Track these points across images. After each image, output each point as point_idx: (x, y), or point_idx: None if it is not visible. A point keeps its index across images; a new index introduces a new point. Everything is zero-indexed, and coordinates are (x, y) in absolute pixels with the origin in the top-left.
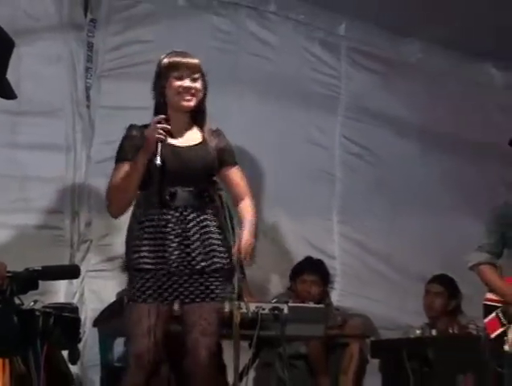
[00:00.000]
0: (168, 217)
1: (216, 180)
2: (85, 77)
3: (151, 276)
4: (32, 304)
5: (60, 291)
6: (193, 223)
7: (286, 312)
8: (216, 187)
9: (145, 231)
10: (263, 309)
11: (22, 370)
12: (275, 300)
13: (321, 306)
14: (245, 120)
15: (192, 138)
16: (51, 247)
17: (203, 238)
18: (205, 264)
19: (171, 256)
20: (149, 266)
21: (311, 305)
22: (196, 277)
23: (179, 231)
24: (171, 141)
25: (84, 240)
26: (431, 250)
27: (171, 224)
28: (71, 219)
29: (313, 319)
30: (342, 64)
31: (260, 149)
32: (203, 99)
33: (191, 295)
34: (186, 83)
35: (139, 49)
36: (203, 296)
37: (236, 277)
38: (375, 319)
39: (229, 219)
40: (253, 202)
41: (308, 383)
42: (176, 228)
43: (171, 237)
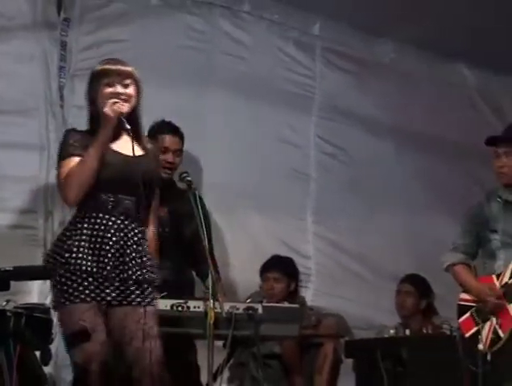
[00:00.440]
0: (109, 223)
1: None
2: (59, 76)
3: (87, 276)
4: (4, 304)
5: (34, 291)
6: (132, 233)
7: (260, 312)
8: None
9: (83, 232)
10: (237, 308)
11: None
12: (249, 300)
13: (296, 306)
14: (218, 119)
15: (128, 147)
16: (24, 246)
17: (138, 249)
18: (139, 274)
19: (109, 262)
20: (88, 268)
21: (285, 305)
22: (132, 282)
23: (117, 238)
24: (114, 147)
25: None
26: (406, 249)
27: (112, 230)
28: (44, 218)
29: (287, 319)
30: (316, 64)
31: (234, 148)
32: (136, 106)
33: (128, 297)
34: (117, 89)
35: (113, 48)
36: (139, 300)
37: (210, 277)
38: (349, 319)
39: (204, 218)
40: None
41: (282, 382)
42: (116, 235)
43: (111, 243)
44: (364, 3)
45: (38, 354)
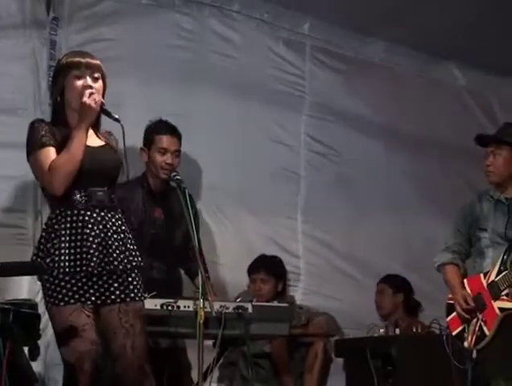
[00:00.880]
0: (86, 218)
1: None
2: (48, 75)
3: (70, 278)
4: None
5: (23, 289)
6: (110, 223)
7: (250, 311)
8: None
9: (62, 233)
10: (227, 308)
11: None
12: (239, 299)
13: (285, 305)
14: (208, 118)
15: (93, 138)
16: (13, 245)
17: (120, 237)
18: (125, 262)
19: (93, 257)
20: (70, 269)
21: (275, 304)
22: (115, 277)
23: (97, 231)
24: None
25: None
26: (395, 249)
27: (90, 225)
28: (33, 217)
29: (277, 318)
30: (306, 63)
31: (224, 148)
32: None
33: (112, 295)
34: (88, 82)
35: (102, 47)
36: (123, 296)
37: (200, 276)
38: (339, 318)
39: (194, 217)
40: None
41: (272, 382)
42: (95, 229)
43: (91, 239)
44: (354, 3)
45: (26, 350)
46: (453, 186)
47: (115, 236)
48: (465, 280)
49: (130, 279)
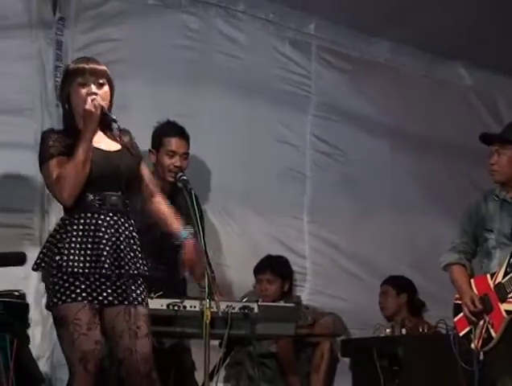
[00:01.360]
0: (99, 222)
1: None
2: (54, 76)
3: (81, 277)
4: None
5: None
6: (123, 228)
7: (256, 311)
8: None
9: (73, 234)
10: (233, 308)
11: None
12: (246, 299)
13: (292, 305)
14: (214, 118)
15: (105, 142)
16: (20, 246)
17: (130, 242)
18: (134, 268)
19: (106, 259)
20: (80, 269)
21: (281, 303)
22: (123, 281)
23: (110, 235)
24: (95, 144)
25: None
26: (401, 249)
27: (103, 228)
28: (40, 217)
29: (284, 318)
30: (312, 63)
31: (230, 148)
32: (109, 104)
33: (119, 297)
34: (92, 89)
35: (108, 48)
36: (131, 299)
37: (206, 277)
38: (345, 318)
39: (200, 217)
40: None
41: (278, 381)
42: (108, 233)
43: (104, 242)
44: (359, 3)
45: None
46: (458, 186)
47: (127, 241)
48: (472, 280)
49: (137, 285)
